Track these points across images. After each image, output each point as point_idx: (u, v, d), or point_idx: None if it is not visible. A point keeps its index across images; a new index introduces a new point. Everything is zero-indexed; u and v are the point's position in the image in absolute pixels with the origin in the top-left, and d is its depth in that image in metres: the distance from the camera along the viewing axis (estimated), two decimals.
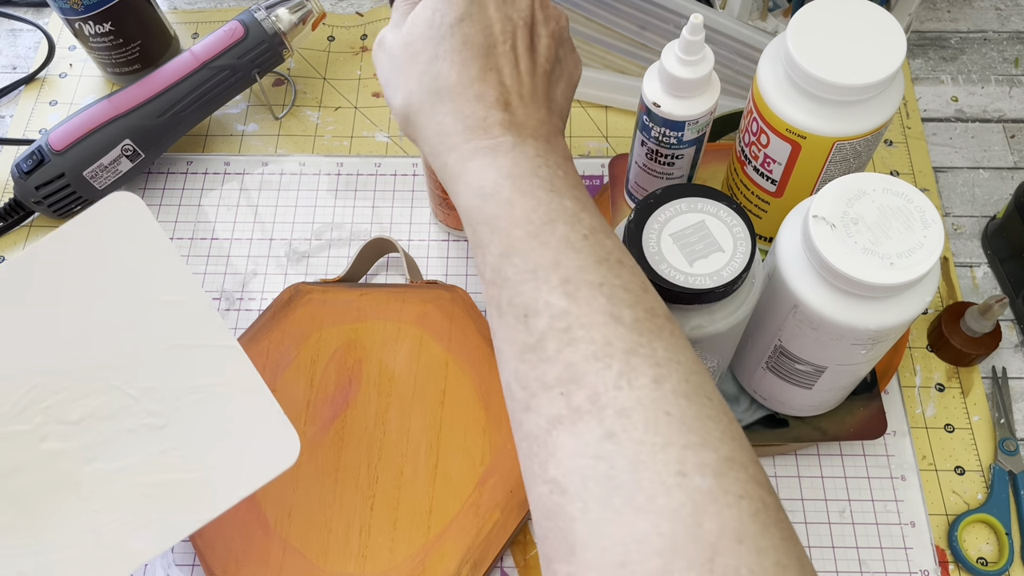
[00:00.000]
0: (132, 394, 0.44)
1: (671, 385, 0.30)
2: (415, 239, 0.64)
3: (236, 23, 0.64)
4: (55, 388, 0.44)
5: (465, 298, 0.59)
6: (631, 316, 0.31)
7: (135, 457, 0.43)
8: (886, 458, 0.56)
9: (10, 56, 0.75)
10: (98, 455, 0.43)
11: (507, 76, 0.37)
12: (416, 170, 0.67)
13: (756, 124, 0.49)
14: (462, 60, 0.37)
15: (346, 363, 0.56)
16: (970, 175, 0.67)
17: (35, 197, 0.62)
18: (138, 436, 0.43)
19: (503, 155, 0.35)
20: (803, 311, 0.43)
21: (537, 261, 0.32)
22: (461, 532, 0.51)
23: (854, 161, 0.49)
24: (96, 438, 0.43)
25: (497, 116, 0.36)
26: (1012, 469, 0.55)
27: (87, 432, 0.43)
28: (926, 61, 0.72)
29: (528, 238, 0.33)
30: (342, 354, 0.57)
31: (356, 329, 0.57)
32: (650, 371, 0.30)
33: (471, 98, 0.36)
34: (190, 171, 0.68)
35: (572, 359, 0.31)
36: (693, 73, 0.48)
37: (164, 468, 0.43)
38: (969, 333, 0.57)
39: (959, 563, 0.53)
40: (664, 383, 0.30)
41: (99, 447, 0.43)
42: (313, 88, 0.72)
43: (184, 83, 0.63)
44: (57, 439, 0.43)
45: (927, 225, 0.40)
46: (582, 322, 0.31)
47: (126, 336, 0.45)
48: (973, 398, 0.58)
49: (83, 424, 0.44)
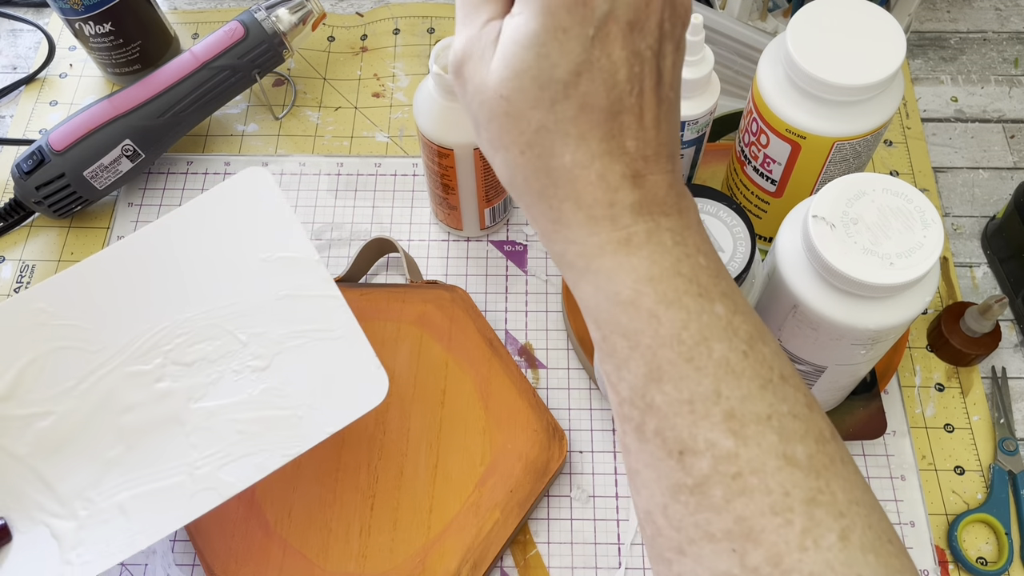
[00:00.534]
0: (241, 339, 0.48)
1: (857, 538, 0.27)
2: (415, 239, 0.64)
3: (236, 23, 0.64)
4: (177, 333, 0.49)
5: (465, 298, 0.59)
6: (805, 453, 0.28)
7: (237, 396, 0.47)
8: (886, 458, 0.56)
9: (10, 56, 0.75)
10: (204, 394, 0.47)
11: (632, 137, 0.29)
12: (416, 170, 0.68)
13: (756, 124, 0.49)
14: (579, 134, 0.28)
15: None
16: (970, 175, 0.67)
17: (35, 197, 0.62)
18: (242, 377, 0.47)
19: (637, 251, 0.29)
20: (803, 311, 0.43)
21: (693, 390, 0.28)
22: (461, 532, 0.51)
23: (854, 161, 0.49)
24: (204, 379, 0.48)
25: (625, 199, 0.29)
26: (1012, 469, 0.55)
27: (197, 373, 0.48)
28: (926, 61, 0.72)
29: (680, 362, 0.28)
30: None
31: None
32: (835, 524, 0.27)
33: (592, 180, 0.29)
34: (190, 171, 0.68)
35: (745, 512, 0.27)
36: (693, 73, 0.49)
37: (261, 406, 0.47)
38: (969, 333, 0.57)
39: (959, 563, 0.53)
40: (851, 537, 0.27)
41: (206, 387, 0.47)
42: (313, 88, 0.72)
43: (184, 83, 0.63)
44: (171, 379, 0.48)
45: (927, 225, 0.40)
46: (753, 467, 0.27)
47: (244, 288, 0.50)
48: (973, 398, 0.58)
49: (195, 366, 0.48)
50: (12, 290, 0.63)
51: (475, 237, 0.64)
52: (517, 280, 0.62)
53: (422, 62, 0.73)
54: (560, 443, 0.54)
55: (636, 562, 0.53)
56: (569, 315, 0.58)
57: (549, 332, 0.60)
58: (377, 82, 0.72)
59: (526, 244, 0.64)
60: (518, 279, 0.62)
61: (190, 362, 0.48)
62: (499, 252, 0.64)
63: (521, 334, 0.60)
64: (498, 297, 0.62)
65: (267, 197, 0.51)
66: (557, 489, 0.55)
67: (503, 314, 0.61)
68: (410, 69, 0.72)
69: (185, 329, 0.49)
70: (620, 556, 0.53)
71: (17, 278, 0.64)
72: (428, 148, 0.55)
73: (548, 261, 0.63)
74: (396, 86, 0.72)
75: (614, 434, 0.57)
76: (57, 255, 0.65)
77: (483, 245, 0.64)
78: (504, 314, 0.61)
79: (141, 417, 0.47)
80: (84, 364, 0.48)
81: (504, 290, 0.62)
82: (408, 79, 0.72)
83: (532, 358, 0.59)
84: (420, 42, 0.74)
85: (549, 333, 0.60)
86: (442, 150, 0.54)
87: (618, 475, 0.55)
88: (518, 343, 0.60)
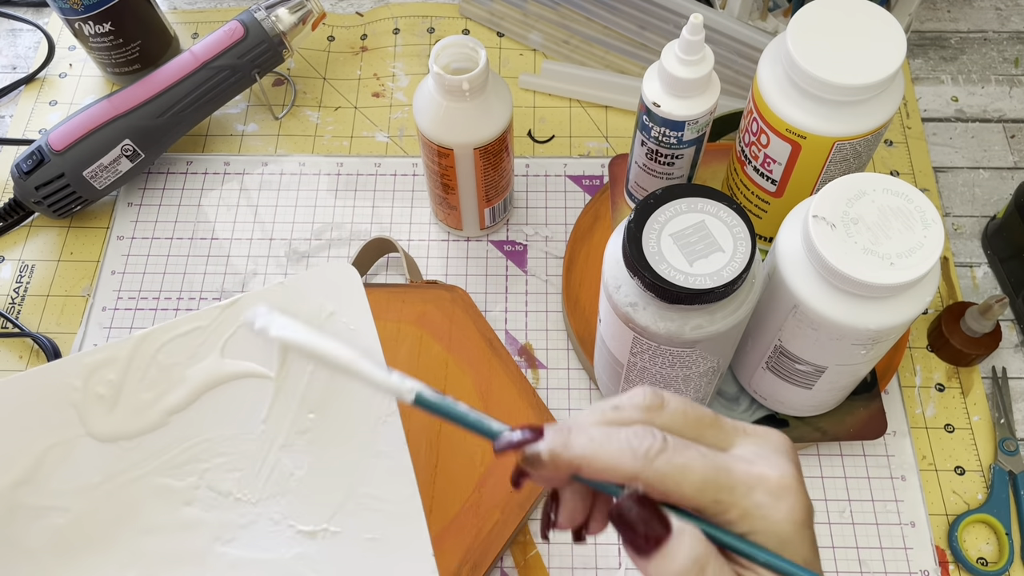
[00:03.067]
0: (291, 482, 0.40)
1: None
2: (415, 239, 0.64)
3: (236, 23, 0.64)
4: (219, 451, 0.41)
5: (465, 298, 0.59)
6: None
7: (267, 553, 0.40)
8: (886, 458, 0.56)
9: (10, 56, 0.75)
10: (233, 538, 0.40)
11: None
12: (416, 170, 0.67)
13: (756, 124, 0.49)
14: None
15: None
16: (970, 175, 0.67)
17: (35, 197, 0.62)
18: (279, 529, 0.40)
19: None
20: (803, 311, 0.43)
21: None
22: (461, 532, 0.51)
23: (854, 161, 0.49)
24: (237, 518, 0.40)
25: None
26: (1012, 469, 0.55)
27: (231, 509, 0.40)
28: (926, 61, 0.72)
29: None
30: None
31: None
32: None
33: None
34: (190, 171, 0.68)
35: None
36: (693, 73, 0.48)
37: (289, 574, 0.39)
38: (969, 333, 0.57)
39: (959, 563, 0.53)
40: None
41: (237, 529, 0.40)
42: (313, 88, 0.72)
43: (184, 83, 0.63)
44: (201, 507, 0.40)
45: (927, 225, 0.40)
46: None
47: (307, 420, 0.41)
48: (973, 398, 0.58)
49: (230, 499, 0.40)
50: (12, 290, 0.63)
51: (475, 237, 0.64)
52: (517, 280, 0.62)
53: (422, 62, 0.73)
54: None
55: None
56: (569, 315, 0.58)
57: (549, 332, 0.60)
58: (377, 82, 0.72)
59: (526, 244, 0.64)
60: (518, 279, 0.62)
61: (226, 492, 0.41)
62: (499, 252, 0.64)
63: (521, 334, 0.60)
64: (498, 297, 0.62)
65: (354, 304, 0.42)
66: None
67: (503, 314, 0.61)
68: (410, 69, 0.72)
69: (228, 449, 0.41)
70: (620, 556, 0.53)
71: (17, 278, 0.64)
72: (428, 148, 0.55)
73: (548, 261, 0.63)
74: (396, 86, 0.72)
75: None
76: (57, 255, 0.65)
77: (483, 245, 0.64)
78: (504, 314, 0.61)
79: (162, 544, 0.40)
80: (113, 461, 0.41)
81: (504, 290, 0.62)
82: (408, 79, 0.72)
83: (532, 358, 0.59)
84: (420, 42, 0.74)
85: (549, 333, 0.60)
86: (442, 150, 0.54)
87: None
88: (518, 343, 0.60)
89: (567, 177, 0.67)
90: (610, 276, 0.43)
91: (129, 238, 0.65)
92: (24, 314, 0.62)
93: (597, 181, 0.66)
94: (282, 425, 0.41)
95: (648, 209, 0.41)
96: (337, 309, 0.42)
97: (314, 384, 0.41)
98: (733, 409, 0.54)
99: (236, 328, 0.41)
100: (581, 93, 0.70)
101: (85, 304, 0.62)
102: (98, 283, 0.63)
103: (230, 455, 0.41)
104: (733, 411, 0.54)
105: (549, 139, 0.69)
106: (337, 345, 0.32)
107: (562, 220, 0.65)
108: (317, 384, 0.41)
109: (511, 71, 0.72)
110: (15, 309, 0.62)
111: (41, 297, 0.63)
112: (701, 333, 0.41)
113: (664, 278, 0.39)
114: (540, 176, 0.67)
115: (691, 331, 0.41)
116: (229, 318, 0.42)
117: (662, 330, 0.41)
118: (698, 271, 0.39)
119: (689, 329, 0.41)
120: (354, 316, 0.42)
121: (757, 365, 0.50)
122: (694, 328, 0.41)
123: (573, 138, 0.69)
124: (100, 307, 0.62)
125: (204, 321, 0.42)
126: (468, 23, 0.75)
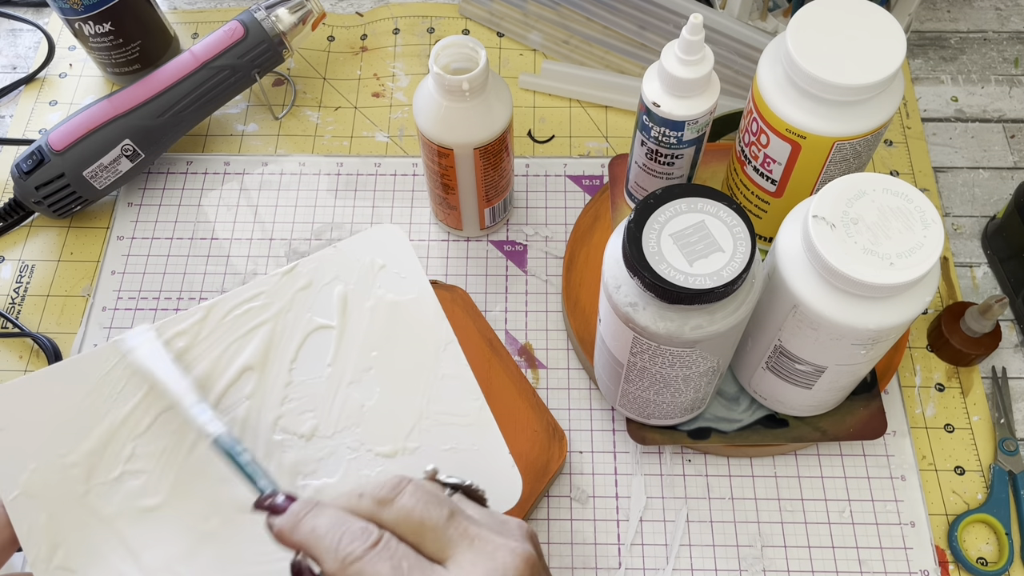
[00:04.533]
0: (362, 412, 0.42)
1: None
2: (415, 239, 0.64)
3: (236, 23, 0.64)
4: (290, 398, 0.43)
5: (465, 298, 0.59)
6: None
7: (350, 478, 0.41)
8: (886, 458, 0.56)
9: (10, 56, 0.75)
10: (314, 471, 0.42)
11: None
12: (416, 170, 0.67)
13: (756, 124, 0.49)
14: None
15: None
16: (970, 175, 0.67)
17: (35, 197, 0.62)
18: (358, 456, 0.42)
19: None
20: (803, 311, 0.43)
21: None
22: None
23: (854, 161, 0.49)
24: (315, 453, 0.42)
25: None
26: (1012, 469, 0.55)
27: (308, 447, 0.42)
28: (926, 61, 0.72)
29: None
30: None
31: None
32: None
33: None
34: (190, 171, 0.68)
35: None
36: (693, 73, 0.48)
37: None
38: (969, 333, 0.57)
39: (959, 563, 0.53)
40: None
41: (317, 462, 0.42)
42: (313, 88, 0.72)
43: (184, 83, 0.63)
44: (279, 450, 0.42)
45: (927, 225, 0.40)
46: None
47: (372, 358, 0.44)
48: (973, 398, 0.58)
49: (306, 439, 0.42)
50: (12, 290, 0.63)
51: (475, 237, 0.64)
52: (517, 280, 0.62)
53: (422, 62, 0.73)
54: (560, 443, 0.54)
55: (636, 562, 0.53)
56: (569, 315, 0.58)
57: (549, 332, 0.60)
58: (377, 82, 0.72)
59: (526, 244, 0.64)
60: (518, 279, 0.62)
61: (301, 433, 0.42)
62: (499, 252, 0.64)
63: (521, 334, 0.60)
64: (498, 297, 0.62)
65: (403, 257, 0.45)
66: (557, 489, 0.55)
67: (503, 314, 0.61)
68: (410, 69, 0.72)
69: (299, 394, 0.43)
70: (620, 556, 0.53)
71: (17, 278, 0.64)
72: (428, 148, 0.55)
73: (548, 261, 0.63)
74: (396, 86, 0.72)
75: (614, 434, 0.57)
76: (57, 255, 0.65)
77: (483, 245, 0.64)
78: (504, 314, 0.61)
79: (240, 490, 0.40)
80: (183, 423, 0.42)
81: (504, 290, 0.62)
82: (408, 79, 0.72)
83: (532, 358, 0.59)
84: (420, 42, 0.74)
85: (549, 333, 0.60)
86: (442, 150, 0.54)
87: (618, 475, 0.55)
88: (518, 343, 0.60)
89: (567, 177, 0.67)
90: (610, 276, 0.43)
91: (129, 238, 0.65)
92: (24, 314, 0.62)
93: (597, 181, 0.66)
94: (347, 365, 0.43)
95: (648, 209, 0.41)
96: (387, 263, 0.45)
97: (374, 327, 0.44)
98: (733, 409, 0.54)
99: (294, 293, 0.44)
100: (581, 93, 0.70)
101: (85, 304, 0.62)
102: (98, 283, 0.63)
103: (300, 398, 0.43)
104: (733, 411, 0.54)
105: (549, 139, 0.69)
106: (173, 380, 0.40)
107: (562, 220, 0.65)
108: (377, 327, 0.44)
109: (511, 71, 0.72)
110: (15, 309, 0.62)
111: (41, 297, 0.63)
112: (701, 333, 0.41)
113: (664, 278, 0.39)
114: (540, 176, 0.67)
115: (691, 331, 0.41)
116: (287, 284, 0.45)
117: (662, 330, 0.41)
118: (698, 271, 0.39)
119: (689, 329, 0.41)
120: (403, 267, 0.45)
121: (757, 365, 0.50)
122: (694, 328, 0.41)
123: (573, 138, 0.69)
124: (100, 307, 0.62)
125: (265, 287, 0.44)
126: (468, 23, 0.75)
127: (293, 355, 0.44)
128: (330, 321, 0.44)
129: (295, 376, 0.43)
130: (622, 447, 0.56)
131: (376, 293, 0.45)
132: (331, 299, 0.45)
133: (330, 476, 0.42)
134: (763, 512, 0.54)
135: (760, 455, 0.56)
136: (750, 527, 0.54)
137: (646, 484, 0.55)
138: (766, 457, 0.56)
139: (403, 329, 0.44)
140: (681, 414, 0.52)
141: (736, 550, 0.53)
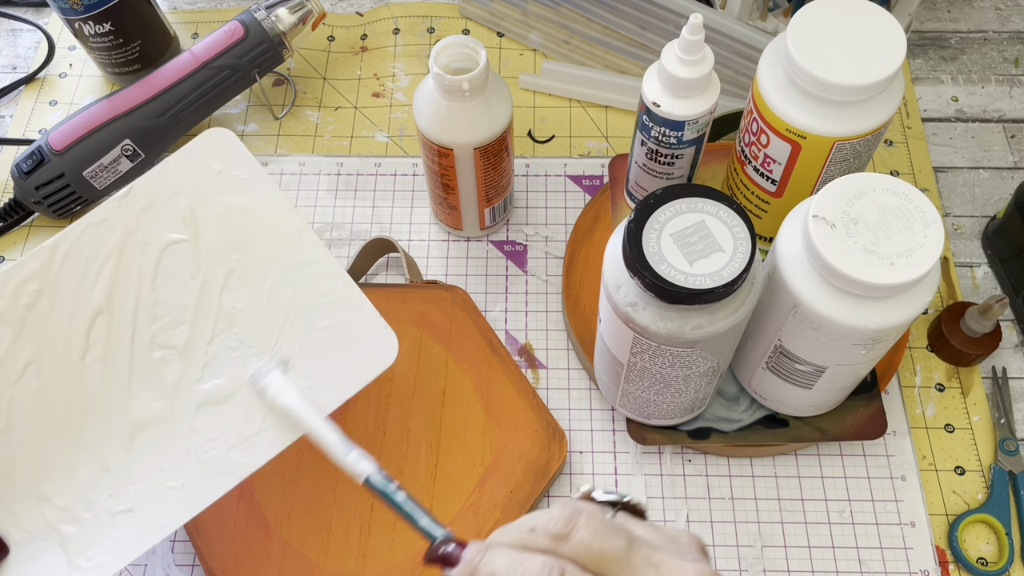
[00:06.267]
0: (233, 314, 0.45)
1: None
2: (415, 239, 0.64)
3: (236, 23, 0.64)
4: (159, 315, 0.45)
5: (465, 298, 0.59)
6: None
7: (237, 374, 0.44)
8: (886, 458, 0.56)
9: (10, 56, 0.75)
10: (201, 376, 0.44)
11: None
12: (416, 170, 0.67)
13: (756, 124, 0.49)
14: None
15: None
16: (970, 175, 0.67)
17: (35, 197, 0.62)
18: (239, 354, 0.44)
19: None
20: (803, 311, 0.43)
21: None
22: (461, 532, 0.51)
23: (854, 161, 0.49)
24: (199, 360, 0.44)
25: None
26: (1012, 469, 0.55)
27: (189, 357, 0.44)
28: (926, 61, 0.72)
29: None
30: None
31: None
32: None
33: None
34: None
35: None
36: (693, 73, 0.48)
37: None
38: (969, 333, 0.57)
39: (959, 563, 0.53)
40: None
41: (202, 368, 0.44)
42: (313, 88, 0.72)
43: (184, 83, 0.63)
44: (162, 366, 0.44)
45: (927, 225, 0.40)
46: None
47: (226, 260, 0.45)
48: (973, 398, 0.58)
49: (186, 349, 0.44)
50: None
51: (475, 237, 0.64)
52: (517, 280, 0.62)
53: (422, 62, 0.73)
54: (560, 443, 0.54)
55: None
56: (569, 315, 0.58)
57: (549, 332, 0.60)
58: (377, 82, 0.72)
59: (526, 244, 0.64)
60: (518, 279, 0.62)
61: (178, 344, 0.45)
62: (499, 252, 0.64)
63: (521, 334, 0.60)
64: (498, 297, 0.62)
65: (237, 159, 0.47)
66: (557, 489, 0.55)
67: (503, 314, 0.61)
68: (410, 69, 0.72)
69: (167, 311, 0.45)
70: None
71: None
72: (428, 148, 0.55)
73: (548, 261, 0.63)
74: (396, 86, 0.72)
75: (614, 434, 0.57)
76: None
77: (483, 245, 0.64)
78: (504, 314, 0.61)
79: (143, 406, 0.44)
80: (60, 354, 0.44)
81: (504, 290, 0.62)
82: (408, 79, 0.72)
83: (532, 358, 0.59)
84: (420, 42, 0.74)
85: (549, 333, 0.60)
86: (442, 150, 0.54)
87: (618, 475, 0.55)
88: (518, 343, 0.60)
89: (567, 177, 0.67)
90: (610, 276, 0.43)
91: None
92: None
93: (597, 181, 0.66)
94: (210, 272, 0.45)
95: (648, 209, 0.41)
96: (224, 167, 0.46)
97: (227, 231, 0.46)
98: (733, 409, 0.54)
99: (137, 215, 0.46)
100: (581, 93, 0.70)
101: None
102: None
103: (171, 313, 0.45)
104: (733, 411, 0.54)
105: (549, 139, 0.69)
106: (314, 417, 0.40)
107: (562, 220, 0.65)
108: (230, 231, 0.46)
109: (511, 71, 0.72)
110: None
111: None
112: (701, 333, 0.41)
113: (664, 278, 0.39)
114: (540, 176, 0.67)
115: (691, 331, 0.41)
116: (127, 208, 0.46)
117: (662, 330, 0.41)
118: (698, 271, 0.39)
119: (689, 329, 0.41)
120: (240, 168, 0.46)
121: (757, 365, 0.50)
122: (694, 328, 0.41)
123: (573, 138, 0.69)
124: None
125: (106, 213, 0.46)
126: (468, 23, 0.75)
127: (152, 273, 0.45)
128: (181, 235, 0.45)
129: (159, 294, 0.45)
130: (622, 447, 0.56)
131: (220, 199, 0.46)
132: (176, 213, 0.46)
133: (217, 377, 0.44)
134: (763, 512, 0.54)
135: (760, 455, 0.56)
136: (750, 527, 0.54)
137: (646, 484, 0.55)
138: (766, 457, 0.56)
139: (256, 227, 0.46)
140: (681, 414, 0.52)
141: (736, 550, 0.53)
